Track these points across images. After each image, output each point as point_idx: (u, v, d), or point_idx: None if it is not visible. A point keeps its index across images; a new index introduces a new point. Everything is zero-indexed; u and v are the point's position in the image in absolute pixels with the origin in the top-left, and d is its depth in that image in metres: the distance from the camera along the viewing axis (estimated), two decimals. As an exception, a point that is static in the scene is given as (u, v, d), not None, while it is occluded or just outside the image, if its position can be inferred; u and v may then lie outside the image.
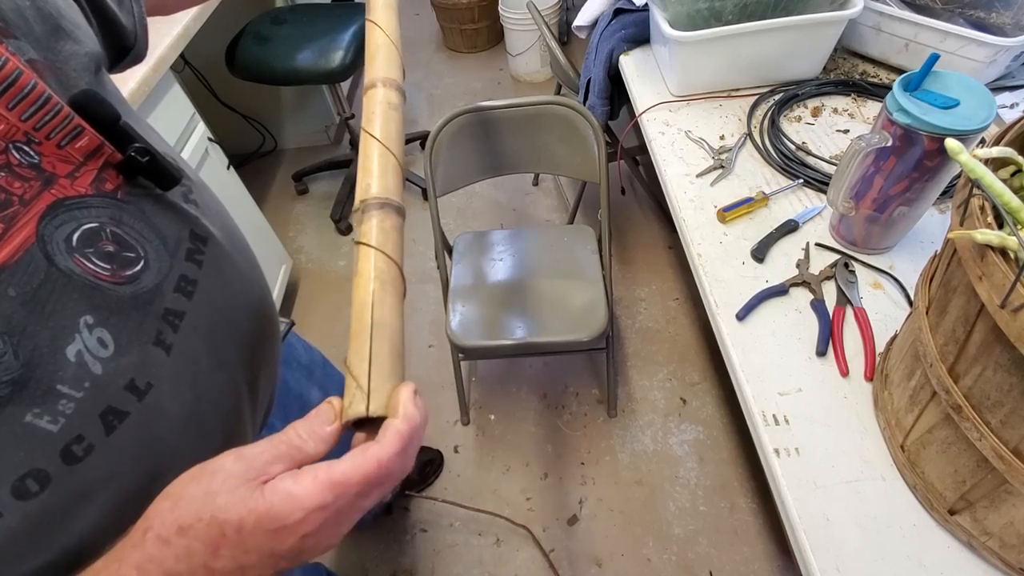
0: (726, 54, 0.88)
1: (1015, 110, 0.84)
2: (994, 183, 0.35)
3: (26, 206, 0.29)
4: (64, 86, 0.33)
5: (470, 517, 1.26)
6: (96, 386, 0.32)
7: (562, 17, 2.44)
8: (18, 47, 0.30)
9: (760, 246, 0.70)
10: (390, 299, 0.34)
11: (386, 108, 0.43)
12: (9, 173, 0.29)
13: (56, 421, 0.30)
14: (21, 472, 0.29)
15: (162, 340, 0.36)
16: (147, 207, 0.36)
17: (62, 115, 0.31)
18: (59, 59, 0.33)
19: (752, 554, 1.16)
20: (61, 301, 0.30)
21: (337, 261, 1.84)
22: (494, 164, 1.14)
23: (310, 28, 1.66)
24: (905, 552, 0.47)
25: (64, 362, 0.30)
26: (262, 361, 0.49)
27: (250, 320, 0.47)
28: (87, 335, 0.31)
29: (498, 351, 1.12)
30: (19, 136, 0.29)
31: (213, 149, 1.29)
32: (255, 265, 0.50)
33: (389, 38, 0.48)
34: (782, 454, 0.53)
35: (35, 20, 0.32)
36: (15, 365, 0.28)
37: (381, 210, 0.37)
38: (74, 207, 0.32)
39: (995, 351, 0.36)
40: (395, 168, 0.40)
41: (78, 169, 0.32)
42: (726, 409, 1.38)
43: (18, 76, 0.28)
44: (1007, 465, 0.37)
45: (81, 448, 0.31)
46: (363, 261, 0.35)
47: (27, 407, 0.29)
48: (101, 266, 0.32)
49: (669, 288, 1.64)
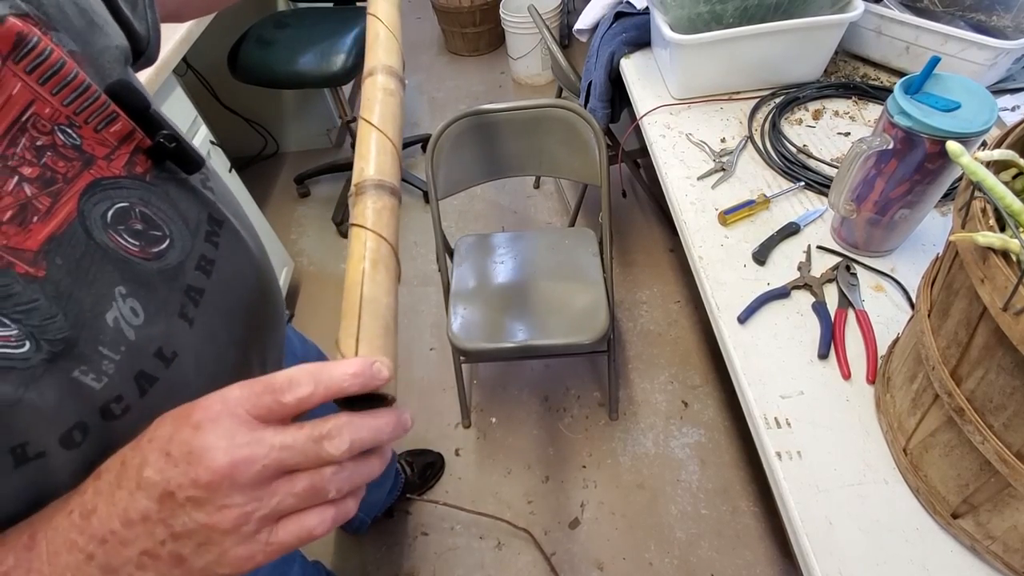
0: (727, 57, 0.88)
1: (1016, 113, 0.83)
2: (996, 186, 0.35)
3: (69, 184, 0.32)
4: (100, 76, 0.35)
5: (471, 520, 1.26)
6: (130, 350, 0.34)
7: (563, 20, 2.44)
8: (60, 39, 0.32)
9: (761, 249, 0.70)
10: (380, 276, 0.34)
11: (383, 95, 0.43)
12: (55, 153, 0.32)
13: (100, 380, 0.32)
14: (71, 423, 0.31)
15: (185, 314, 0.39)
16: (171, 190, 0.39)
17: (100, 102, 0.33)
18: (95, 51, 0.35)
19: (754, 558, 1.16)
20: (100, 271, 0.33)
21: (339, 264, 1.84)
22: (495, 167, 1.14)
23: (312, 32, 1.66)
24: (908, 556, 0.47)
25: (104, 326, 0.33)
26: (270, 343, 0.51)
27: (261, 303, 0.49)
28: (121, 303, 0.34)
29: (499, 354, 1.12)
30: (62, 120, 0.32)
31: (215, 152, 1.30)
32: (264, 252, 0.52)
33: (388, 29, 0.48)
34: (784, 457, 0.53)
35: (74, 15, 0.34)
36: (65, 325, 0.31)
37: (375, 191, 0.37)
38: (109, 187, 0.34)
39: (997, 354, 0.36)
40: (391, 151, 0.40)
41: (113, 152, 0.35)
42: (728, 412, 1.38)
43: (62, 65, 0.31)
44: (1010, 468, 0.37)
45: (120, 407, 0.34)
46: (355, 242, 0.35)
47: (76, 363, 0.31)
48: (131, 242, 0.35)
49: (670, 291, 1.64)
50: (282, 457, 0.27)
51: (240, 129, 2.07)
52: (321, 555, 1.24)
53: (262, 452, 0.26)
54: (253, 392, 0.27)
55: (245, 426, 0.27)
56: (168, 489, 0.26)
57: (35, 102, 0.30)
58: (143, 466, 0.27)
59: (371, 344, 0.31)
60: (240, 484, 0.26)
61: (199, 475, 0.26)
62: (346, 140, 2.26)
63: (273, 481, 0.27)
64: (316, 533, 0.29)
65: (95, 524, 0.27)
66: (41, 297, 0.30)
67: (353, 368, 0.28)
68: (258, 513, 0.27)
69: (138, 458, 0.27)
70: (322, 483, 0.28)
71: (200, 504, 0.26)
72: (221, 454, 0.26)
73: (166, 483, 0.26)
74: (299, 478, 0.28)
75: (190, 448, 0.26)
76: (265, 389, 0.27)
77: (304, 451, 0.27)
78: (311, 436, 0.27)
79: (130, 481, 0.27)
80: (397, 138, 0.42)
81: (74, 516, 0.28)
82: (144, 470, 0.27)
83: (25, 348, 0.29)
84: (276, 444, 0.27)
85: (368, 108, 0.42)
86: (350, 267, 0.34)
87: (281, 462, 0.27)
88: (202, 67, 1.83)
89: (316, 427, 0.28)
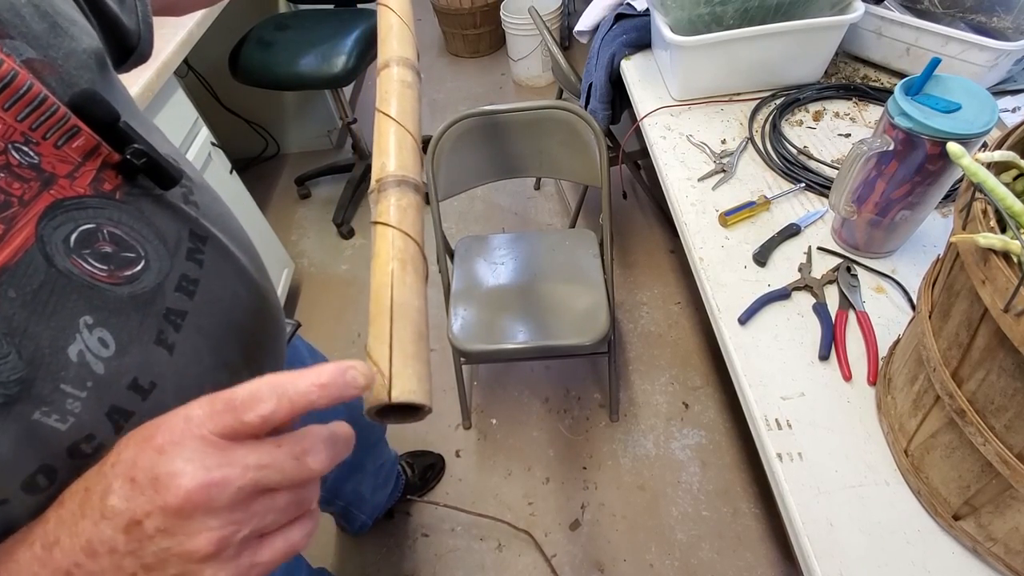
0: (727, 59, 0.88)
1: (1017, 114, 0.83)
2: (997, 187, 0.35)
3: (25, 207, 0.29)
4: (65, 84, 0.33)
5: (472, 522, 1.26)
6: (99, 385, 0.32)
7: (563, 22, 2.45)
8: (13, 47, 0.30)
9: (762, 250, 0.70)
10: (410, 279, 0.32)
11: (400, 87, 0.41)
12: (8, 174, 0.29)
13: (65, 420, 0.30)
14: (32, 469, 0.29)
15: (164, 340, 0.36)
16: (146, 207, 0.36)
17: (59, 115, 0.30)
18: (59, 57, 0.33)
19: (755, 560, 1.16)
20: (61, 302, 0.30)
21: (339, 265, 1.85)
22: (496, 168, 1.14)
23: (313, 33, 1.66)
24: (910, 558, 0.47)
25: (66, 362, 0.30)
26: (266, 361, 0.49)
27: (254, 320, 0.47)
28: (87, 335, 0.31)
29: (500, 355, 1.12)
30: (17, 136, 0.29)
31: (216, 153, 1.30)
32: (260, 265, 0.50)
33: (402, 19, 0.46)
34: (785, 459, 0.53)
35: (32, 18, 0.31)
36: (20, 365, 0.28)
37: (398, 188, 0.36)
38: (72, 208, 0.32)
39: (999, 355, 0.36)
40: (412, 146, 0.39)
41: (76, 169, 0.32)
42: (728, 413, 1.38)
43: (13, 77, 0.28)
44: (1012, 470, 0.37)
45: (90, 446, 0.31)
46: (381, 241, 0.34)
47: (35, 406, 0.29)
48: (98, 267, 0.32)
49: (671, 292, 1.64)
50: (259, 477, 0.25)
51: (241, 130, 2.07)
52: (321, 557, 1.24)
53: (235, 473, 0.24)
54: (214, 410, 0.25)
55: (212, 447, 0.25)
56: (135, 518, 0.24)
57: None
58: (107, 493, 0.25)
59: (404, 351, 0.30)
60: (215, 508, 0.24)
61: (167, 501, 0.24)
62: (347, 141, 2.27)
63: (252, 501, 0.25)
64: (301, 546, 0.27)
65: (58, 557, 0.25)
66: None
67: (323, 378, 0.26)
68: (238, 535, 0.25)
69: (102, 484, 0.25)
70: (306, 496, 0.27)
71: (171, 532, 0.24)
72: (188, 479, 0.24)
73: (132, 512, 0.24)
74: (280, 495, 0.26)
75: (155, 473, 0.24)
76: (226, 407, 0.25)
77: (283, 469, 0.26)
78: (291, 453, 0.26)
79: (94, 510, 0.25)
80: (417, 132, 0.40)
81: (36, 548, 0.26)
82: (108, 498, 0.25)
83: None
84: (251, 463, 0.25)
85: (385, 101, 0.40)
86: (377, 267, 0.33)
87: (258, 482, 0.25)
88: (203, 69, 1.83)
89: (296, 442, 0.26)
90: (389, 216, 0.34)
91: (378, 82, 0.43)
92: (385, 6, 0.48)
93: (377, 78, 0.43)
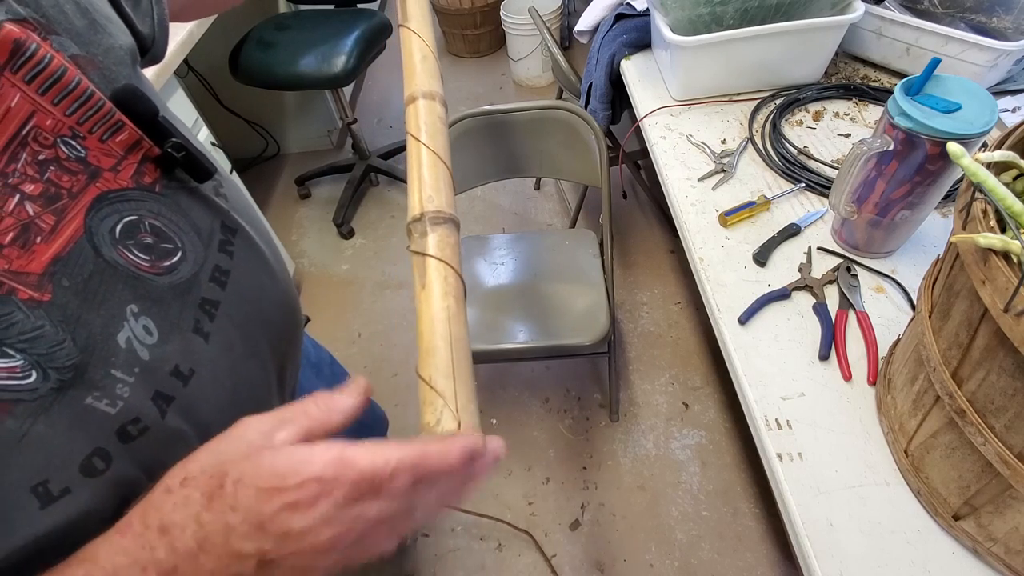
0: (727, 59, 0.88)
1: (1017, 114, 0.83)
2: (997, 187, 0.35)
3: (74, 199, 0.31)
4: (106, 80, 0.34)
5: (472, 522, 1.26)
6: (145, 371, 0.33)
7: (563, 22, 2.45)
8: (60, 43, 0.31)
9: (762, 250, 0.70)
10: (463, 316, 0.35)
11: (436, 121, 0.42)
12: (58, 167, 0.30)
13: (114, 404, 0.31)
14: (87, 451, 0.30)
15: (200, 328, 0.37)
16: (182, 200, 0.38)
17: (104, 110, 0.32)
18: (99, 53, 0.33)
19: (755, 560, 1.16)
20: (109, 291, 0.32)
21: (339, 265, 1.85)
22: (496, 168, 1.14)
23: (313, 33, 1.66)
24: (910, 558, 0.47)
25: (116, 348, 0.32)
26: (288, 352, 0.50)
27: (278, 311, 0.48)
28: (134, 323, 0.33)
29: (500, 355, 1.12)
30: (65, 131, 0.30)
31: (216, 153, 1.30)
32: (280, 258, 0.51)
33: (428, 46, 0.47)
34: (785, 459, 0.53)
35: (74, 15, 0.32)
36: (74, 351, 0.29)
37: (445, 225, 0.37)
38: (116, 200, 0.33)
39: (999, 355, 0.36)
40: (448, 182, 0.40)
41: (120, 163, 0.33)
42: (728, 414, 1.38)
43: (63, 72, 0.29)
44: (1012, 470, 0.37)
45: (136, 428, 0.32)
46: (433, 273, 0.35)
47: (87, 390, 0.30)
48: (141, 257, 0.34)
49: (671, 292, 1.64)
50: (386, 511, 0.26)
51: (241, 130, 2.07)
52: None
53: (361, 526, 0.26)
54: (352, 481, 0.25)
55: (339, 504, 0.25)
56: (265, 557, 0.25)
57: (36, 114, 0.29)
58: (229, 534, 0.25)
59: (466, 385, 0.32)
60: None
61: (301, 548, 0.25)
62: (347, 141, 2.27)
63: None
64: None
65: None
66: (47, 323, 0.29)
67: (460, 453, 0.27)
68: None
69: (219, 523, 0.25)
70: None
71: None
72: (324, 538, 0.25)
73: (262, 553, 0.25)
74: None
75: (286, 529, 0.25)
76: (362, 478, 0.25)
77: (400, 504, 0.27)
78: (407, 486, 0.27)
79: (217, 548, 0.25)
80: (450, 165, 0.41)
81: None
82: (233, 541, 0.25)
83: (32, 379, 0.28)
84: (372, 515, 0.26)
85: (429, 134, 0.41)
86: (429, 299, 0.34)
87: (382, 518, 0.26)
88: (203, 69, 1.83)
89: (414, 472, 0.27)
90: (443, 253, 0.36)
91: (409, 112, 0.43)
92: (409, 29, 0.47)
93: (410, 106, 0.43)
